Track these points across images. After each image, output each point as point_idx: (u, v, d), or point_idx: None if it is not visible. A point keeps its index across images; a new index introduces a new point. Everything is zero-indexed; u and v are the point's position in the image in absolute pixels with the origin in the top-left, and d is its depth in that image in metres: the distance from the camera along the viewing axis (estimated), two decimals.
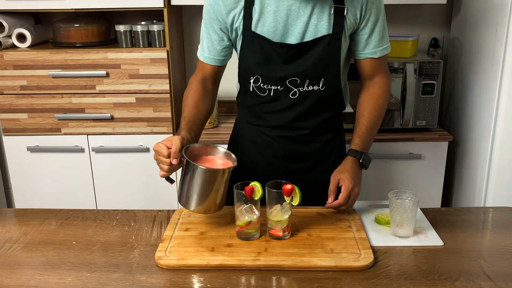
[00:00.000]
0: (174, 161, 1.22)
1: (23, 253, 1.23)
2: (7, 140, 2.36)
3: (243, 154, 1.52)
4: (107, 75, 2.23)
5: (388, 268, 1.14)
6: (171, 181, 1.30)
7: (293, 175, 1.37)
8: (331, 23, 1.35)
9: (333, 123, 1.52)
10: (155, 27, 2.26)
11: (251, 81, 1.43)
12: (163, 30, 2.26)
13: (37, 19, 2.53)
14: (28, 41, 2.29)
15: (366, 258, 1.16)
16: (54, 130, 2.32)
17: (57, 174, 2.37)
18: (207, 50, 1.46)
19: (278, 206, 1.23)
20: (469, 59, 2.29)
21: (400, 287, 1.07)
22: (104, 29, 2.38)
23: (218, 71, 1.50)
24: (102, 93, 2.26)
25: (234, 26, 1.39)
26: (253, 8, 1.35)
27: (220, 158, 1.29)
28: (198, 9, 2.55)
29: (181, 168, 1.26)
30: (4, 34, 2.27)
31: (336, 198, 1.36)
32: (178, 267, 1.15)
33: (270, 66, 1.38)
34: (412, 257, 1.20)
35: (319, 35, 1.35)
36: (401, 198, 1.27)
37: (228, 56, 1.48)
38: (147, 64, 2.22)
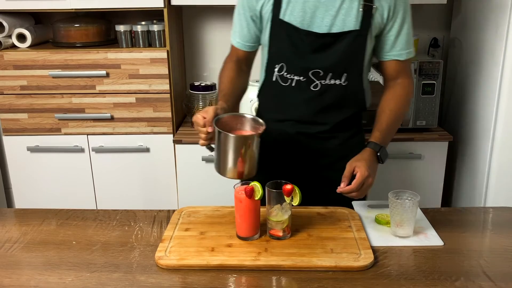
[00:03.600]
0: (210, 129, 1.27)
1: (23, 253, 1.23)
2: (7, 140, 2.36)
3: (262, 149, 1.53)
4: (107, 75, 2.23)
5: (388, 268, 1.14)
6: (211, 149, 1.35)
7: (313, 172, 1.37)
8: (359, 20, 1.37)
9: (353, 122, 1.53)
10: (155, 27, 2.26)
11: (276, 69, 1.44)
12: (163, 30, 2.26)
13: (37, 19, 2.53)
14: (28, 41, 2.29)
15: (366, 258, 1.16)
16: (54, 130, 2.32)
17: (57, 174, 2.37)
18: (238, 35, 1.51)
19: (278, 206, 1.23)
20: (469, 59, 2.29)
21: (400, 287, 1.07)
22: (104, 29, 2.38)
23: (249, 56, 1.56)
24: (102, 93, 2.26)
25: (263, 13, 1.42)
26: None
27: (249, 125, 1.34)
28: (198, 9, 2.57)
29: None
30: (4, 34, 2.27)
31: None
32: (178, 267, 1.15)
33: (296, 54, 1.40)
34: (412, 257, 1.20)
35: (346, 29, 1.37)
36: (401, 198, 1.27)
37: (258, 44, 1.52)
38: (147, 64, 2.22)
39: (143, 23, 2.33)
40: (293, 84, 1.44)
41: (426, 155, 2.26)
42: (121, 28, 2.26)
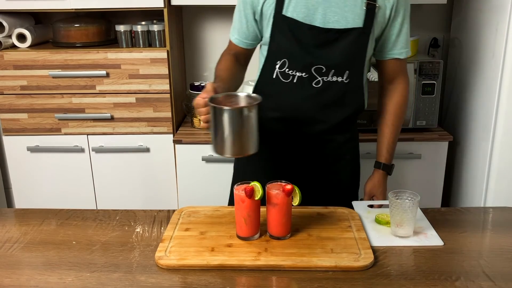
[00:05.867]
0: (203, 116, 1.23)
1: (23, 253, 1.23)
2: (7, 140, 2.36)
3: (259, 150, 1.53)
4: (107, 75, 2.23)
5: (388, 268, 1.14)
6: None
7: (307, 174, 1.37)
8: (362, 18, 1.37)
9: (350, 123, 1.54)
10: (155, 27, 2.26)
11: (277, 66, 1.44)
12: (163, 30, 2.26)
13: (37, 19, 2.53)
14: (28, 41, 2.29)
15: (366, 258, 1.16)
16: (54, 130, 2.32)
17: (57, 174, 2.37)
18: (236, 32, 1.51)
19: None
20: (469, 59, 2.29)
21: (400, 287, 1.07)
22: (104, 29, 2.38)
23: (246, 53, 1.56)
24: (102, 93, 2.26)
25: (264, 10, 1.42)
26: None
27: (244, 102, 1.28)
28: (198, 9, 2.57)
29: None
30: (4, 34, 2.27)
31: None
32: (178, 267, 1.15)
33: (299, 49, 1.40)
34: (412, 257, 1.20)
35: (349, 26, 1.38)
36: (401, 198, 1.27)
37: (256, 42, 1.52)
38: (147, 64, 2.22)
39: (143, 23, 2.34)
40: (295, 81, 1.43)
41: (426, 155, 2.26)
42: (121, 28, 2.26)
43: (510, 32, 1.94)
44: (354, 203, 1.48)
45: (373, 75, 2.23)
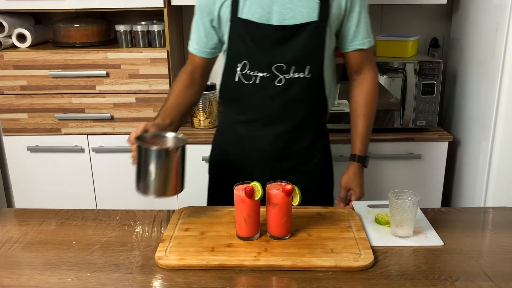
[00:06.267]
0: (132, 153, 1.29)
1: (23, 253, 1.23)
2: (7, 140, 2.36)
3: (228, 155, 1.55)
4: (107, 75, 2.23)
5: (388, 268, 1.14)
6: None
7: (278, 175, 1.36)
8: (316, 11, 1.38)
9: (316, 120, 1.54)
10: (155, 27, 2.26)
11: (238, 69, 1.44)
12: (163, 30, 2.26)
13: (37, 19, 2.53)
14: (28, 41, 2.29)
15: (366, 258, 1.16)
16: (54, 130, 2.32)
17: (57, 174, 2.37)
18: (195, 41, 1.51)
19: None
20: (469, 59, 2.29)
21: (400, 287, 1.07)
22: (104, 29, 2.38)
23: (207, 64, 1.55)
24: (102, 93, 2.26)
25: (221, 15, 1.42)
26: None
27: (171, 143, 1.32)
28: None
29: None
30: (4, 34, 2.27)
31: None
32: (178, 267, 1.15)
33: (257, 50, 1.40)
34: (412, 257, 1.20)
35: (305, 21, 1.38)
36: (401, 198, 1.27)
37: (215, 50, 1.52)
38: (147, 64, 2.22)
39: (143, 23, 2.34)
40: (257, 81, 1.43)
41: (426, 155, 2.26)
42: (121, 28, 2.26)
43: (510, 32, 1.93)
44: (354, 203, 1.48)
45: None
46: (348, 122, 1.59)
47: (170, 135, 1.34)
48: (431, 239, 1.27)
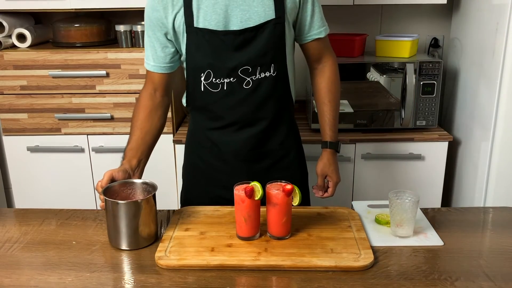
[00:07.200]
0: (101, 203, 1.27)
1: (23, 253, 1.23)
2: (7, 140, 2.36)
3: (203, 161, 1.54)
4: (107, 75, 2.23)
5: (388, 268, 1.14)
6: None
7: (256, 175, 1.36)
8: (272, 8, 1.37)
9: (288, 118, 1.54)
10: None
11: (202, 78, 1.42)
12: None
13: (37, 19, 2.53)
14: (28, 41, 2.29)
15: (366, 258, 1.16)
16: (54, 130, 2.32)
17: (57, 174, 2.37)
18: (151, 58, 1.46)
19: None
20: (469, 59, 2.29)
21: (400, 287, 1.07)
22: (104, 29, 2.38)
23: (167, 80, 1.50)
24: (102, 93, 2.26)
25: (176, 27, 1.39)
26: (192, 5, 1.36)
27: (140, 190, 1.33)
28: None
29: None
30: (4, 34, 2.27)
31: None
32: (178, 267, 1.15)
33: (220, 57, 1.39)
34: (412, 257, 1.20)
35: (263, 20, 1.37)
36: (401, 198, 1.27)
37: (174, 63, 1.48)
38: None
39: (143, 23, 2.33)
40: (225, 88, 1.42)
41: (426, 155, 2.26)
42: (121, 28, 2.26)
43: (510, 32, 1.94)
44: (354, 203, 1.48)
45: (372, 75, 2.23)
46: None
47: (138, 181, 1.33)
48: (431, 239, 1.27)
